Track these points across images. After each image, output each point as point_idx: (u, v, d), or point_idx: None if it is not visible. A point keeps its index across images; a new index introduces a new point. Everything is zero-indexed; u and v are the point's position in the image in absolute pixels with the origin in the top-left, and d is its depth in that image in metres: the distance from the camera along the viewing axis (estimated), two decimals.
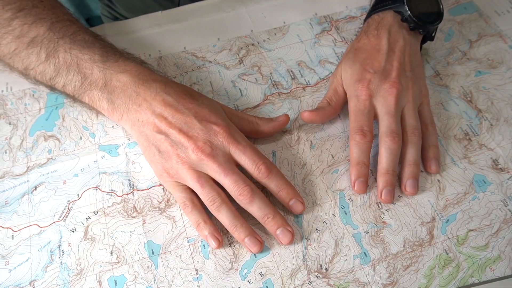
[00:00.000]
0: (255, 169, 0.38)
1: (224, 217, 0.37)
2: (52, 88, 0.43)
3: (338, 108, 0.45)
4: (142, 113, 0.39)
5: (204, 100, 0.41)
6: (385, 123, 0.41)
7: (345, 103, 0.45)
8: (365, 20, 0.49)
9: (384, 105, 0.42)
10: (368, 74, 0.43)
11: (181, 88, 0.41)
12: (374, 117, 0.42)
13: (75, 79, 0.41)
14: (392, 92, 0.42)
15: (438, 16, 0.46)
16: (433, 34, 0.47)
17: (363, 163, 0.40)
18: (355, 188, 0.41)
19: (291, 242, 0.38)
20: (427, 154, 0.42)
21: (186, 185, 0.39)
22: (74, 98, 0.42)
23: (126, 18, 0.69)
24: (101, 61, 0.40)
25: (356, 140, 0.41)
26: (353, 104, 0.43)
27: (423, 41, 0.48)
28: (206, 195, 0.37)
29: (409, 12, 0.44)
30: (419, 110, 0.44)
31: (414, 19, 0.44)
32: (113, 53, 0.42)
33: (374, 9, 0.48)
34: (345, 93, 0.45)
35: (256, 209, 0.37)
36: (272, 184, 0.38)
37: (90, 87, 0.40)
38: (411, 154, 0.41)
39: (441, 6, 0.46)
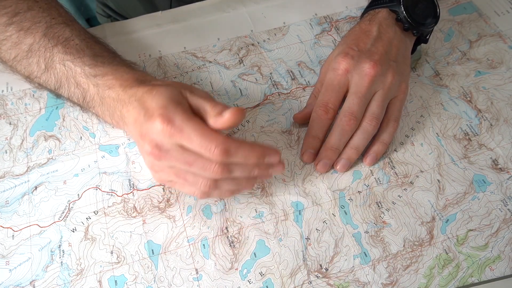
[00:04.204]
0: (211, 155, 0.33)
1: (228, 185, 0.36)
2: (58, 96, 0.44)
3: None
4: (129, 122, 0.37)
5: (157, 90, 0.35)
6: (349, 102, 0.41)
7: None
8: (360, 18, 0.49)
9: (357, 84, 0.41)
10: (352, 50, 0.43)
11: (156, 92, 0.36)
12: (345, 93, 0.42)
13: (77, 93, 0.41)
14: (369, 73, 0.41)
15: (433, 18, 0.45)
16: (427, 37, 0.47)
17: (317, 137, 0.42)
18: (304, 157, 0.43)
19: (284, 169, 0.37)
20: (371, 147, 0.43)
21: None
22: (81, 108, 0.43)
23: (118, 14, 0.69)
24: (92, 75, 0.39)
25: (317, 114, 0.42)
26: (328, 77, 0.43)
27: (416, 43, 0.48)
28: (194, 182, 0.35)
29: (404, 13, 0.44)
30: (389, 103, 0.43)
31: (408, 19, 0.44)
32: (101, 62, 0.40)
33: (370, 6, 0.47)
34: None
35: (239, 173, 0.35)
36: (238, 160, 0.34)
37: (92, 103, 0.40)
38: (357, 139, 0.42)
39: (438, 9, 0.46)
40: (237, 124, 0.34)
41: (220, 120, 0.34)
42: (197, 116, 0.35)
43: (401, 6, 0.44)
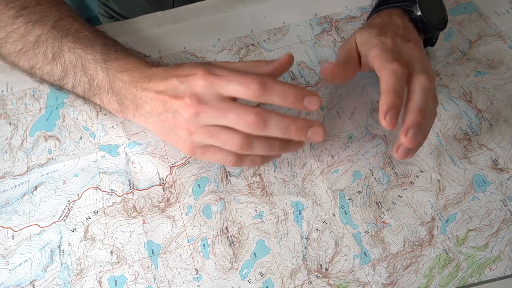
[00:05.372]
0: (248, 91, 0.33)
1: (261, 146, 0.35)
2: (60, 88, 0.43)
3: (356, 67, 0.42)
4: (146, 102, 0.38)
5: (190, 63, 0.38)
6: (415, 65, 0.37)
7: (358, 67, 0.42)
8: (369, 16, 0.48)
9: (411, 55, 0.38)
10: (390, 32, 0.40)
11: (184, 64, 0.38)
12: None
13: (83, 81, 0.41)
14: (416, 50, 0.39)
15: (443, 21, 0.45)
16: (434, 40, 0.47)
17: (399, 95, 0.34)
18: (386, 120, 0.34)
19: (325, 135, 0.34)
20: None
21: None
22: (84, 99, 0.43)
23: (121, 15, 0.70)
24: (103, 61, 0.40)
25: (392, 68, 0.35)
26: (378, 48, 0.38)
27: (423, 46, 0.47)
28: (227, 141, 0.35)
29: (420, 12, 0.42)
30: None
31: (424, 19, 0.43)
32: (114, 50, 0.41)
33: (380, 5, 0.46)
34: (359, 56, 0.41)
35: (274, 128, 0.34)
36: (275, 97, 0.34)
37: (99, 90, 0.41)
38: (430, 103, 0.36)
39: (446, 13, 0.45)
40: (289, 65, 0.37)
41: (270, 65, 0.37)
42: None
43: (417, 4, 0.42)
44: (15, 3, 0.41)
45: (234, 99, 0.35)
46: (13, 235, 0.39)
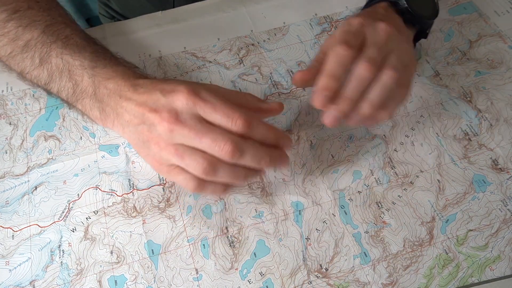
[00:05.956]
0: (232, 125, 0.33)
1: (225, 174, 0.34)
2: (48, 92, 0.43)
3: None
4: (126, 112, 0.37)
5: (179, 80, 0.38)
6: (368, 50, 0.36)
7: None
8: None
9: (374, 36, 0.37)
10: (365, 15, 0.40)
11: (171, 80, 0.38)
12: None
13: (68, 86, 0.40)
14: (385, 29, 0.37)
15: (433, 12, 0.44)
16: (427, 32, 0.46)
17: (335, 77, 0.35)
18: (315, 101, 0.35)
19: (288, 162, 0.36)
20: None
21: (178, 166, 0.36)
22: (68, 104, 0.42)
23: (122, 16, 0.70)
24: (91, 67, 0.40)
25: (336, 51, 0.35)
26: (341, 28, 0.37)
27: (416, 39, 0.46)
28: (191, 163, 0.34)
29: (406, 4, 0.42)
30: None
31: (409, 10, 0.42)
32: (103, 57, 0.41)
33: (370, 1, 0.46)
34: None
35: (248, 159, 0.34)
36: (257, 136, 0.34)
37: (82, 95, 0.40)
38: (375, 93, 0.36)
39: (436, 2, 0.44)
40: (276, 113, 0.38)
41: (260, 104, 0.37)
42: None
43: None
44: (7, 6, 0.41)
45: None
46: (13, 235, 0.39)
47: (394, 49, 0.37)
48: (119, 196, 0.41)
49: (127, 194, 0.41)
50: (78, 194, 0.41)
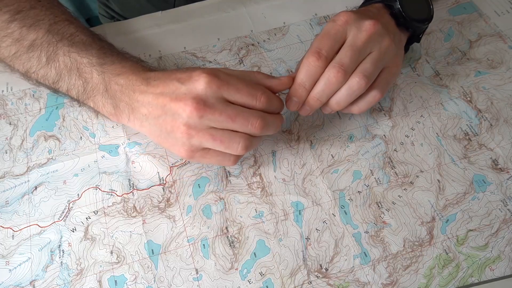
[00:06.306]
0: (257, 102, 0.36)
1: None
2: (56, 91, 0.43)
3: None
4: (143, 105, 0.38)
5: (192, 67, 0.39)
6: (342, 53, 0.38)
7: None
8: None
9: (354, 37, 0.38)
10: (353, 11, 0.40)
11: (185, 68, 0.39)
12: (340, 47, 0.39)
13: (78, 84, 0.41)
14: (368, 29, 0.38)
15: (427, 17, 0.44)
16: (420, 36, 0.46)
17: (303, 85, 0.38)
18: (287, 104, 0.39)
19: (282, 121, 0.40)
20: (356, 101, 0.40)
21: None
22: (79, 102, 0.42)
23: (122, 16, 0.70)
24: (99, 64, 0.40)
25: (308, 60, 0.38)
26: (325, 28, 0.39)
27: (409, 42, 0.46)
28: (231, 145, 0.36)
29: (399, 7, 0.42)
30: (380, 72, 0.40)
31: (403, 13, 0.42)
32: (110, 54, 0.41)
33: (365, 2, 0.46)
34: None
35: (271, 128, 0.38)
36: (271, 108, 0.38)
37: (93, 93, 0.40)
38: (341, 96, 0.39)
39: (431, 8, 0.44)
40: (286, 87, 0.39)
41: (270, 81, 0.38)
42: None
43: (397, 1, 0.42)
44: (10, 7, 0.41)
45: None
46: (13, 235, 0.39)
47: (374, 50, 0.39)
48: (119, 196, 0.41)
49: (127, 194, 0.41)
50: (78, 194, 0.41)
